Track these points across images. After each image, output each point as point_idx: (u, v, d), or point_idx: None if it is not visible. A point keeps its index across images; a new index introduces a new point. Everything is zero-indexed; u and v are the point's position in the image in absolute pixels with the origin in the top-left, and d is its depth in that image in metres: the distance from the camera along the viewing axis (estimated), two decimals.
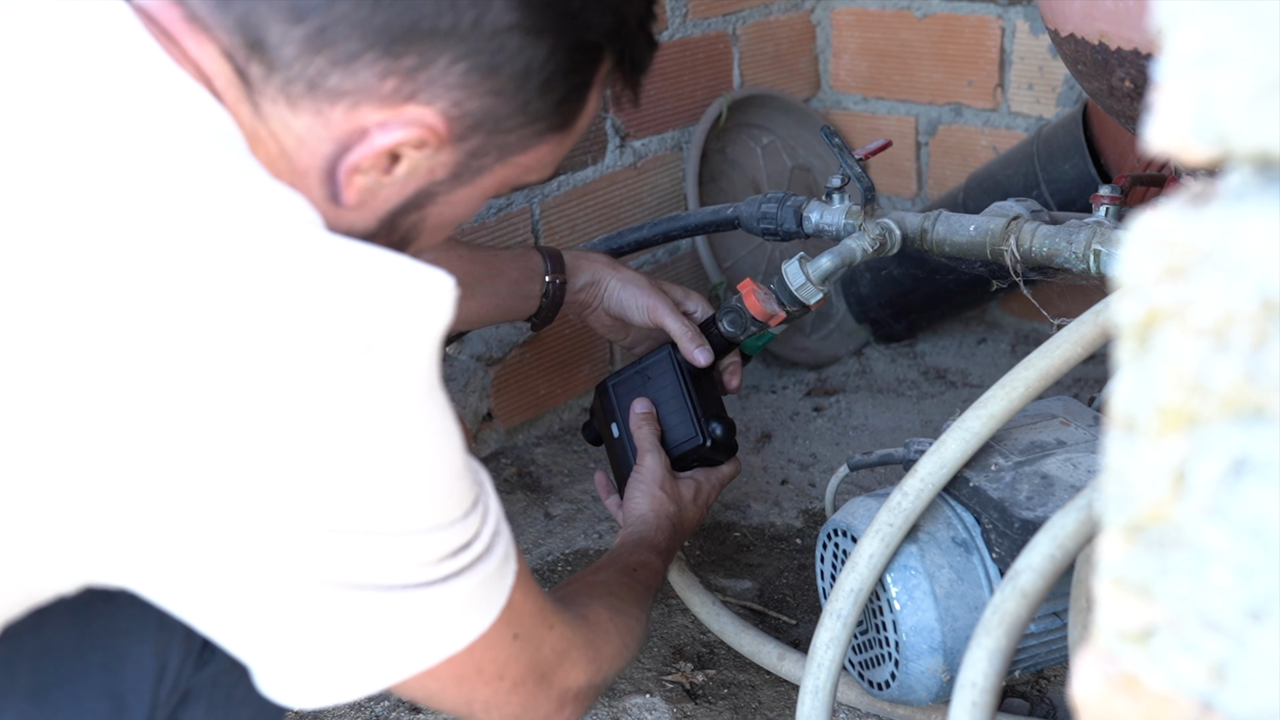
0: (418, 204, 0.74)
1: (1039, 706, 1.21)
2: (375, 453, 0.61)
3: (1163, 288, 0.34)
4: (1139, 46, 1.11)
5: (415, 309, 0.62)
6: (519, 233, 1.67)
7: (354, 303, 0.60)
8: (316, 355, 0.58)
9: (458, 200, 0.76)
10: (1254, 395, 0.33)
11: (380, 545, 0.63)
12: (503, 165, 0.75)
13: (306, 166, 0.69)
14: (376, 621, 0.65)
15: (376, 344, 0.60)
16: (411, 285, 0.62)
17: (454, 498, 0.66)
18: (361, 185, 0.70)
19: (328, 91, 0.66)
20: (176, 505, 0.59)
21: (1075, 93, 1.85)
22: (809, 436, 1.75)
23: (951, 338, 1.99)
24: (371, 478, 0.61)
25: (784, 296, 1.25)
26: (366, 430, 0.60)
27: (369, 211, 0.72)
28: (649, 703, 1.22)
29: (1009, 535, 1.05)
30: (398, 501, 0.63)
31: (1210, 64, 0.33)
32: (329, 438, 0.59)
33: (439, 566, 0.66)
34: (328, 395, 0.59)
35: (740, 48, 1.95)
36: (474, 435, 1.68)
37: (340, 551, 0.62)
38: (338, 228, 0.71)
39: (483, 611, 0.70)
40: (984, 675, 0.89)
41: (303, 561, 0.62)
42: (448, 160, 0.72)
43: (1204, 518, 0.34)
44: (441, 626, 0.68)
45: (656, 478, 1.22)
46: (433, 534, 0.65)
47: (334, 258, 0.60)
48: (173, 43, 0.66)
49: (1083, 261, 1.15)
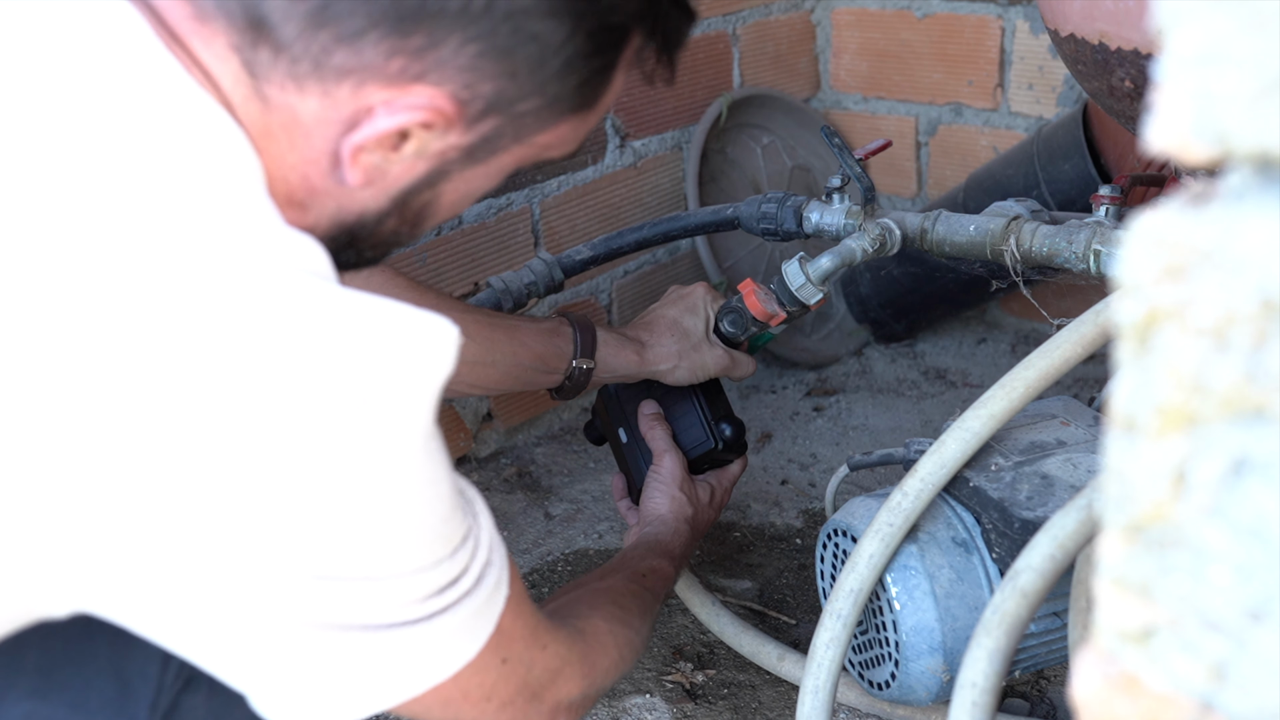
0: (430, 183, 0.72)
1: (1039, 706, 1.21)
2: (368, 503, 0.61)
3: (1163, 288, 0.34)
4: (1139, 46, 1.11)
5: (416, 361, 0.61)
6: (519, 232, 1.67)
7: (355, 355, 0.59)
8: (313, 404, 0.58)
9: (473, 178, 0.74)
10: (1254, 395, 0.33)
11: (367, 590, 0.64)
12: (519, 145, 0.73)
13: (318, 153, 0.68)
14: (362, 658, 0.66)
15: (375, 397, 0.60)
16: (414, 337, 0.61)
17: (442, 539, 0.67)
18: (368, 163, 0.68)
19: (334, 70, 0.65)
20: (168, 549, 0.59)
21: (1075, 93, 1.85)
22: (809, 436, 1.75)
23: (951, 338, 1.99)
24: (362, 527, 0.62)
25: (784, 296, 1.24)
26: (361, 481, 0.61)
27: (380, 190, 0.71)
28: (649, 703, 1.22)
29: (1009, 535, 1.05)
30: (386, 549, 0.63)
31: (1210, 64, 0.33)
32: (322, 489, 0.60)
33: (425, 604, 0.67)
34: (323, 447, 0.59)
35: (740, 48, 1.95)
36: (474, 435, 1.68)
37: (327, 596, 0.63)
38: (349, 207, 0.71)
39: (469, 640, 0.71)
40: (984, 675, 0.89)
41: (289, 605, 0.62)
42: (459, 141, 0.70)
43: (1204, 518, 0.34)
44: (427, 659, 0.69)
45: (676, 478, 1.22)
46: (420, 575, 0.66)
47: (337, 308, 0.60)
48: (180, 45, 0.65)
49: (1083, 261, 1.15)
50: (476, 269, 1.62)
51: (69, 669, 0.71)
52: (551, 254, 1.54)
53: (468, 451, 1.68)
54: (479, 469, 1.67)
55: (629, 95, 1.78)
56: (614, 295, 1.83)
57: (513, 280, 1.45)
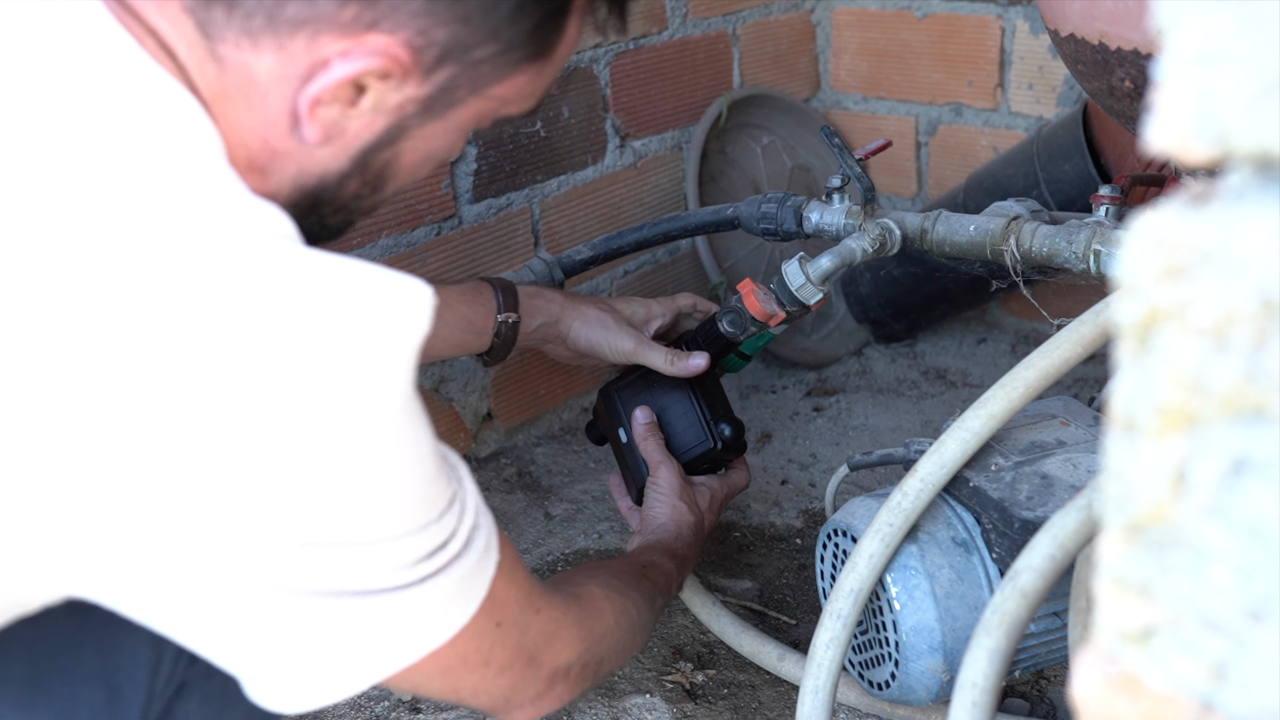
0: (390, 140, 0.72)
1: (1039, 706, 1.21)
2: (350, 467, 0.61)
3: (1163, 288, 0.34)
4: (1139, 46, 1.11)
5: (393, 321, 0.61)
6: (519, 232, 1.67)
7: (330, 316, 0.59)
8: (292, 370, 0.58)
9: (432, 135, 0.73)
10: (1254, 395, 0.33)
11: (355, 555, 0.63)
12: (477, 98, 0.72)
13: (276, 113, 0.68)
14: (355, 626, 0.65)
15: (353, 358, 0.60)
16: (389, 296, 0.61)
17: (428, 503, 0.66)
18: (326, 118, 0.68)
19: (287, 22, 0.65)
20: (151, 521, 0.59)
21: (1075, 93, 1.85)
22: (809, 436, 1.75)
23: (951, 338, 1.99)
24: (346, 491, 0.62)
25: (784, 296, 1.24)
26: (342, 445, 0.60)
27: (340, 149, 0.71)
28: (649, 703, 1.22)
29: (1009, 535, 1.05)
30: (372, 513, 0.63)
31: (1210, 64, 0.33)
32: (304, 454, 0.59)
33: (415, 569, 0.66)
34: (303, 411, 0.59)
35: (740, 48, 1.95)
36: (474, 435, 1.68)
37: (315, 563, 0.62)
38: (310, 168, 0.71)
39: (463, 605, 0.71)
40: (984, 675, 0.89)
41: (277, 574, 0.62)
42: (416, 93, 0.70)
43: (1204, 518, 0.34)
44: (421, 625, 0.69)
45: (675, 488, 1.23)
46: (407, 539, 0.65)
47: (309, 269, 0.60)
48: (132, 14, 0.65)
49: (1083, 261, 1.15)
50: (476, 269, 1.63)
51: (56, 678, 0.70)
52: (551, 254, 1.54)
53: (468, 451, 1.68)
54: (479, 469, 1.67)
55: (629, 96, 1.78)
56: (614, 295, 1.83)
57: (513, 280, 1.45)
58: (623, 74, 1.77)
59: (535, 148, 1.67)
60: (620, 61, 1.76)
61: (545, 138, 1.68)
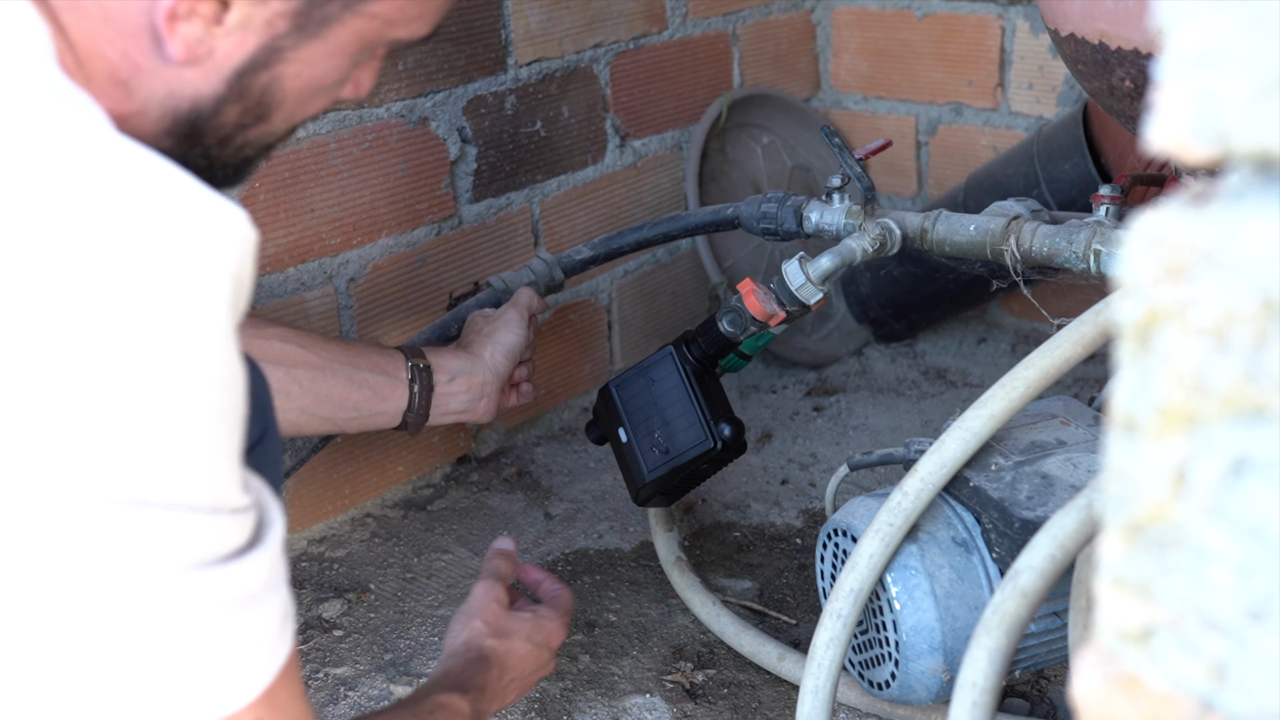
0: (265, 61, 0.68)
1: (1039, 706, 1.21)
2: (151, 399, 0.55)
3: (1163, 288, 0.34)
4: (1139, 46, 1.11)
5: (200, 234, 0.56)
6: (519, 232, 1.68)
7: (128, 210, 0.55)
8: (76, 270, 0.54)
9: (312, 58, 0.69)
10: (1254, 395, 0.33)
11: (156, 517, 0.56)
12: (353, 15, 0.68)
13: (135, 25, 0.64)
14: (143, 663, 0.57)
15: (151, 264, 0.55)
16: (199, 208, 0.57)
17: (228, 474, 0.59)
18: (190, 36, 0.65)
19: None
20: None
21: (1075, 93, 1.85)
22: (809, 436, 1.75)
23: (951, 338, 1.99)
24: (144, 422, 0.55)
25: (784, 296, 1.24)
26: (142, 369, 0.55)
27: (210, 70, 0.67)
28: (649, 703, 1.22)
29: (1009, 535, 1.05)
30: (171, 448, 0.56)
31: (1210, 64, 0.33)
32: (96, 377, 0.54)
33: (208, 572, 0.58)
34: (86, 310, 0.54)
35: (740, 47, 1.95)
36: (474, 435, 1.68)
37: (117, 521, 0.55)
38: (180, 90, 0.67)
39: (254, 660, 0.61)
40: (984, 675, 0.89)
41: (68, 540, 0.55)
42: (284, 8, 0.65)
43: (1204, 518, 0.34)
44: (229, 657, 0.60)
45: (479, 607, 1.03)
46: (207, 516, 0.58)
47: (110, 157, 0.56)
48: None
49: (1083, 261, 1.15)
50: (476, 269, 1.63)
51: None
52: (551, 254, 1.54)
53: (468, 451, 1.68)
54: (479, 469, 1.67)
55: (629, 95, 1.78)
56: (614, 295, 1.83)
57: (513, 280, 1.45)
58: (623, 74, 1.77)
59: (535, 147, 1.67)
60: (620, 61, 1.76)
61: (545, 137, 1.68)
